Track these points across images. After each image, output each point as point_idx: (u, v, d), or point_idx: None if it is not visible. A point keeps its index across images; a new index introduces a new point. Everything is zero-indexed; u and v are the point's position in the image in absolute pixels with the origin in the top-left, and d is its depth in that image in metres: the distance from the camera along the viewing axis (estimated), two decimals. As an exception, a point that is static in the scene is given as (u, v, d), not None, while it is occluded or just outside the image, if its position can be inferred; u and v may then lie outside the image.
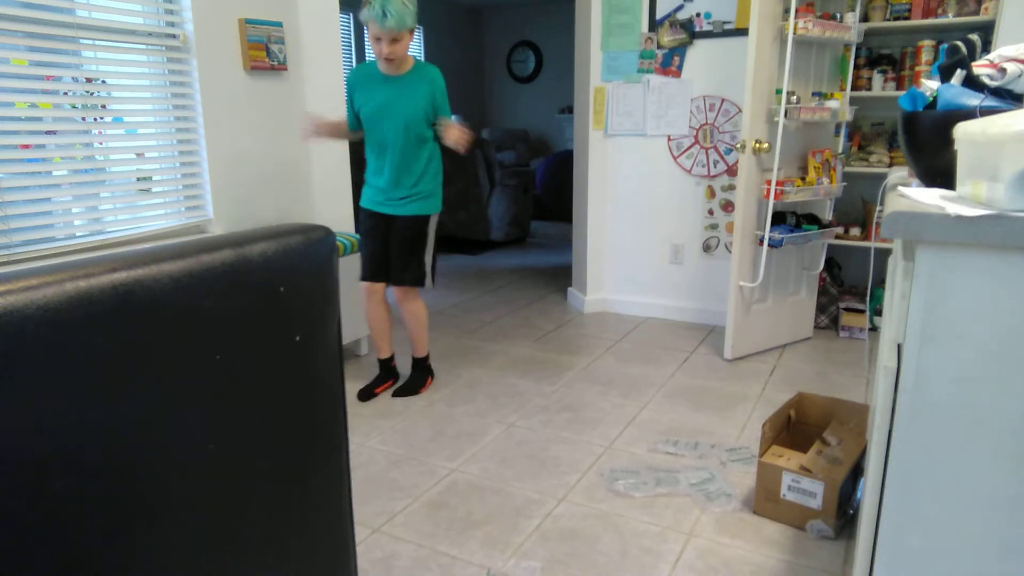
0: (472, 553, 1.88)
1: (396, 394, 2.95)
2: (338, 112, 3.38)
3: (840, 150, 3.48)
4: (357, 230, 2.86)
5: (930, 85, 1.30)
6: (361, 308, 3.36)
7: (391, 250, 2.83)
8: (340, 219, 3.48)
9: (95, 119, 2.56)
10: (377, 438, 2.56)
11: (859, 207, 3.85)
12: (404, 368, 3.13)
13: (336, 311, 0.91)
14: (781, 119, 3.05)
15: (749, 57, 3.02)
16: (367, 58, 7.60)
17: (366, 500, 2.14)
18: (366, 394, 2.93)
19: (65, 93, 2.44)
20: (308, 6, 3.18)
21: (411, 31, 2.55)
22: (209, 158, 2.85)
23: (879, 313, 3.53)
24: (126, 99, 2.62)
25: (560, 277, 5.07)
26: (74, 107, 2.48)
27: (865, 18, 3.45)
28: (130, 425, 0.65)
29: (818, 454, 2.01)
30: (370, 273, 2.86)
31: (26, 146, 2.36)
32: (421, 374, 3.03)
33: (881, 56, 3.62)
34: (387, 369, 3.04)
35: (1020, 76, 1.16)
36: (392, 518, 2.05)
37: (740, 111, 3.61)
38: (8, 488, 0.56)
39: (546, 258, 5.81)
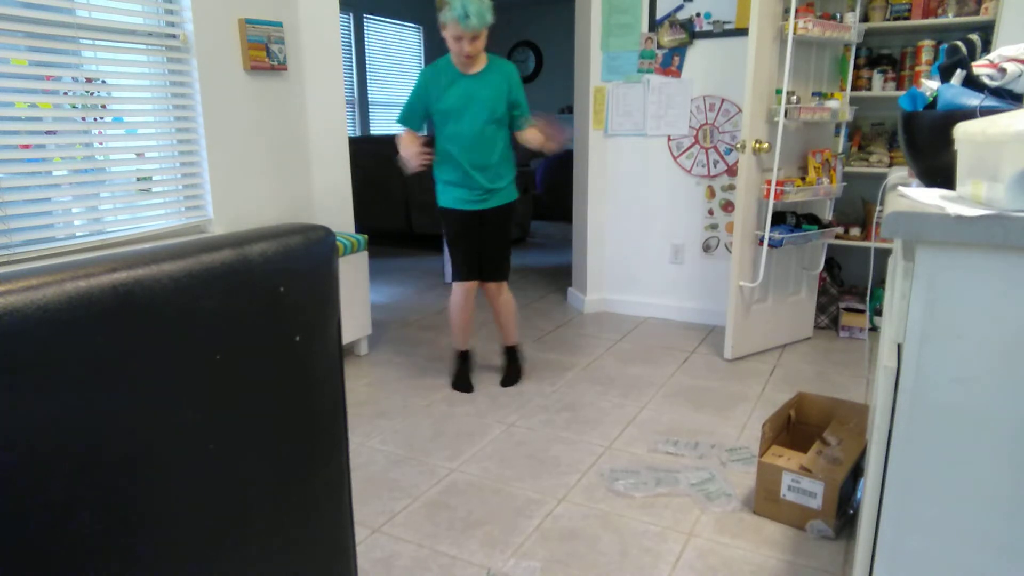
0: (472, 553, 1.88)
1: (505, 384, 3.05)
2: (338, 112, 3.38)
3: (840, 150, 3.48)
4: (451, 231, 2.88)
5: (930, 85, 1.30)
6: (357, 309, 3.36)
7: (484, 247, 2.89)
8: (340, 219, 3.48)
9: (95, 119, 2.56)
10: (377, 438, 2.56)
11: (859, 207, 3.85)
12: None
13: (336, 311, 0.91)
14: (781, 119, 3.05)
15: (749, 57, 3.02)
16: (367, 59, 7.61)
17: (366, 500, 2.14)
18: (467, 386, 3.01)
19: (65, 93, 2.44)
20: (308, 6, 3.18)
21: (487, 27, 2.61)
22: (209, 158, 2.85)
23: (879, 313, 3.53)
24: (126, 99, 2.62)
25: (560, 277, 5.07)
26: (74, 107, 2.48)
27: (865, 18, 3.45)
28: (130, 425, 0.65)
29: (818, 454, 2.01)
30: (468, 272, 2.90)
31: (26, 146, 2.36)
32: (519, 361, 3.14)
33: (881, 56, 3.62)
34: (468, 358, 3.11)
35: (1020, 76, 1.16)
36: (392, 518, 2.05)
37: (740, 111, 3.61)
38: (8, 488, 0.56)
39: (546, 258, 5.81)
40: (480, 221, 2.86)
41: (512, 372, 3.10)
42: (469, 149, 2.74)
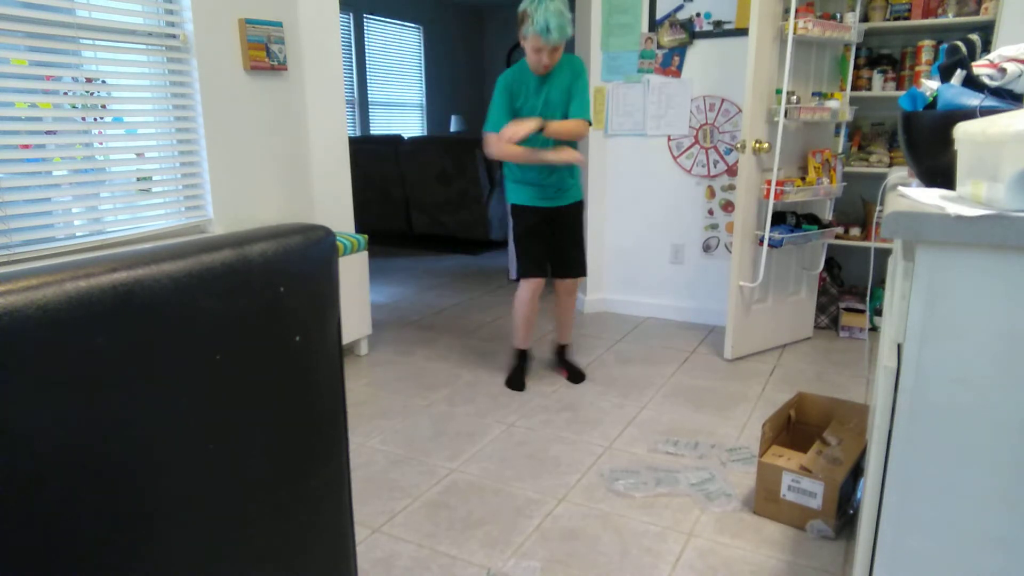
0: (472, 553, 1.88)
1: (575, 380, 3.09)
2: (338, 112, 3.38)
3: (840, 150, 3.48)
4: (521, 228, 2.94)
5: (930, 85, 1.30)
6: (357, 309, 3.36)
7: (557, 244, 2.96)
8: (340, 219, 3.48)
9: (95, 119, 2.56)
10: (377, 438, 2.56)
11: (859, 207, 3.85)
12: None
13: (336, 311, 0.91)
14: (781, 119, 3.05)
15: (749, 57, 3.02)
16: (367, 59, 7.61)
17: (366, 500, 2.14)
18: (521, 384, 3.04)
19: (65, 93, 2.44)
20: (308, 6, 3.18)
21: (566, 40, 2.68)
22: (209, 158, 2.85)
23: (879, 313, 3.53)
24: (126, 99, 2.62)
25: (560, 277, 5.07)
26: (74, 107, 2.48)
27: (865, 18, 3.45)
28: (130, 425, 0.65)
29: (818, 454, 2.01)
30: (537, 269, 2.96)
31: (26, 146, 2.36)
32: (573, 359, 3.21)
33: (881, 56, 3.62)
34: (526, 357, 3.15)
35: (1020, 76, 1.16)
36: (392, 518, 2.05)
37: (740, 111, 3.61)
38: (7, 488, 0.56)
39: (546, 258, 5.80)
40: (552, 218, 2.92)
41: (579, 370, 3.13)
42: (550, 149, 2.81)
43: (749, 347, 3.40)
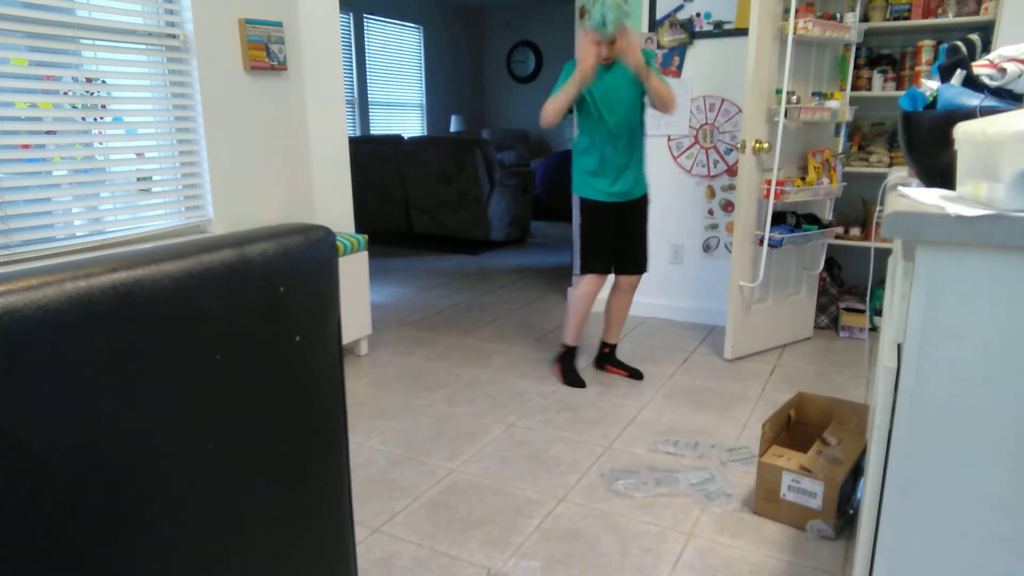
0: (472, 553, 1.88)
1: (637, 376, 3.13)
2: (338, 112, 3.38)
3: (840, 150, 3.48)
4: (588, 222, 2.95)
5: (930, 85, 1.30)
6: (357, 309, 3.36)
7: (624, 239, 2.98)
8: (340, 219, 3.48)
9: (95, 119, 2.56)
10: (377, 438, 2.56)
11: (859, 207, 3.85)
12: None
13: (336, 311, 0.91)
14: (781, 119, 3.05)
15: (749, 57, 3.02)
16: (367, 59, 7.61)
17: (366, 500, 2.14)
18: (582, 380, 3.07)
19: (65, 93, 2.44)
20: (308, 6, 3.18)
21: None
22: (209, 158, 2.85)
23: (879, 313, 3.53)
24: (126, 99, 2.62)
25: (560, 277, 5.07)
26: (74, 107, 2.48)
27: (865, 18, 3.45)
28: (130, 425, 0.65)
29: (818, 454, 2.01)
30: (605, 265, 3.00)
31: (26, 146, 2.36)
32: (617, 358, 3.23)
33: (881, 56, 3.62)
34: (575, 354, 3.16)
35: (1020, 76, 1.16)
36: (392, 518, 2.05)
37: (740, 111, 3.61)
38: (8, 488, 0.56)
39: (546, 258, 5.81)
40: (621, 213, 2.93)
41: (634, 368, 3.15)
42: (618, 141, 2.84)
43: (749, 347, 3.40)
